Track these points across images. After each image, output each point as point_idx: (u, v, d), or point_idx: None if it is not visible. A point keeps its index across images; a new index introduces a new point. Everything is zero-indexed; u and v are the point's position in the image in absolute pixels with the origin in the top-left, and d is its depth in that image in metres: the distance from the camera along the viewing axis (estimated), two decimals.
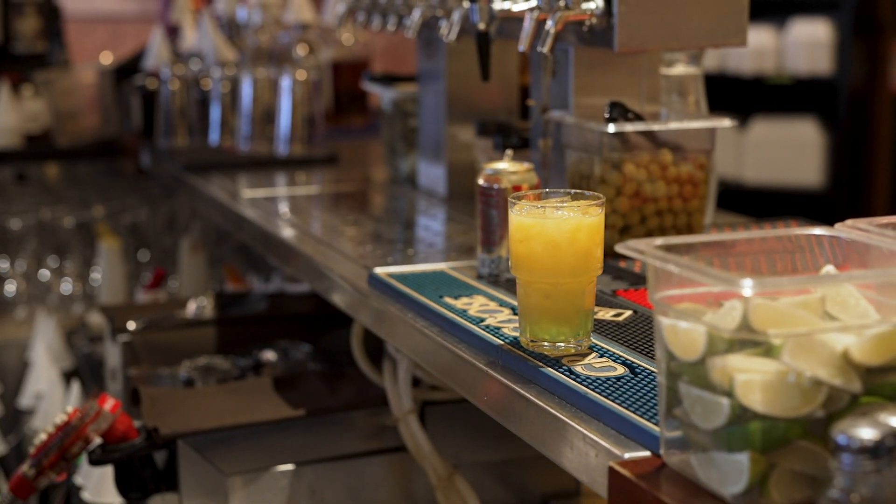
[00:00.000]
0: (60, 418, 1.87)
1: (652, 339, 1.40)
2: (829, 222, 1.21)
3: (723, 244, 1.14)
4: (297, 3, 3.45)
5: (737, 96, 5.18)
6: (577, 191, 1.42)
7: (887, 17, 5.00)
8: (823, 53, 5.01)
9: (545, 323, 1.38)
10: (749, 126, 5.17)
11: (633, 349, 1.39)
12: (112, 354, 2.42)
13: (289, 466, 1.85)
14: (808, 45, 5.02)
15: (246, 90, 3.14)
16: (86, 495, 2.18)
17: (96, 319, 3.09)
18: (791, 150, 5.11)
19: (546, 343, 1.38)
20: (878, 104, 5.03)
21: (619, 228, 1.82)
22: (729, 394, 0.97)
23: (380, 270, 1.80)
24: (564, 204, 1.38)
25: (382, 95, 2.68)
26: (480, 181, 1.77)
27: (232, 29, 3.59)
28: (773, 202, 4.98)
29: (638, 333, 1.46)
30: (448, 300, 1.62)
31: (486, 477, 1.94)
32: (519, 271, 1.39)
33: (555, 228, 1.35)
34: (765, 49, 5.09)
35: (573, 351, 1.38)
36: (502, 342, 1.42)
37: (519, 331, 1.42)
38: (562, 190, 1.44)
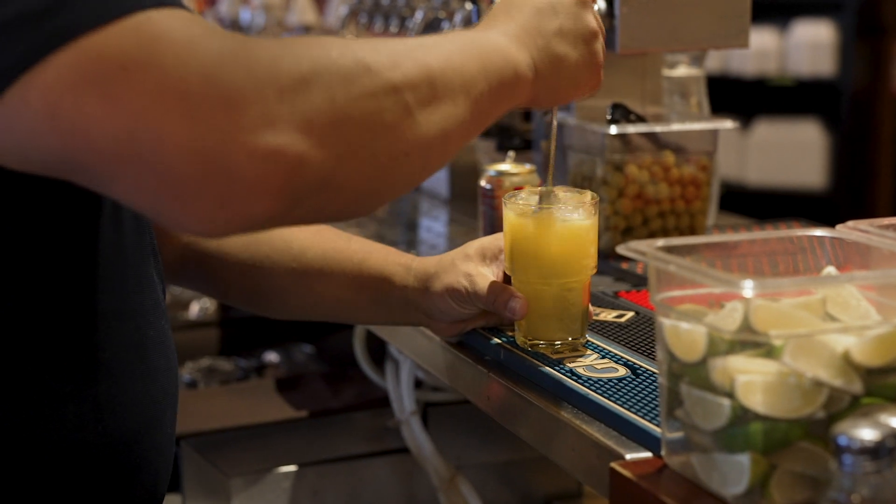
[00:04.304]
0: None
1: (653, 340, 1.40)
2: (832, 224, 1.20)
3: (725, 245, 1.14)
4: (299, 5, 3.46)
5: (739, 98, 5.18)
6: (572, 189, 1.42)
7: (890, 18, 5.00)
8: (826, 55, 5.01)
9: (540, 323, 1.38)
10: (751, 128, 5.17)
11: (635, 350, 1.40)
12: None
13: (291, 467, 1.85)
14: (810, 46, 5.02)
15: None
16: None
17: None
18: (794, 152, 5.11)
19: (542, 342, 1.38)
20: (881, 106, 5.03)
21: (621, 230, 1.82)
22: (730, 395, 0.97)
23: None
24: (558, 203, 1.38)
25: None
26: (482, 183, 1.78)
27: (235, 30, 3.60)
28: (776, 204, 4.97)
29: (639, 335, 1.46)
30: None
31: (488, 478, 1.94)
32: (513, 271, 1.38)
33: (548, 227, 1.35)
34: (767, 51, 5.09)
35: (569, 350, 1.38)
36: (502, 342, 1.42)
37: (516, 331, 1.42)
38: (556, 189, 1.42)
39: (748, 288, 0.96)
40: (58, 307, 1.08)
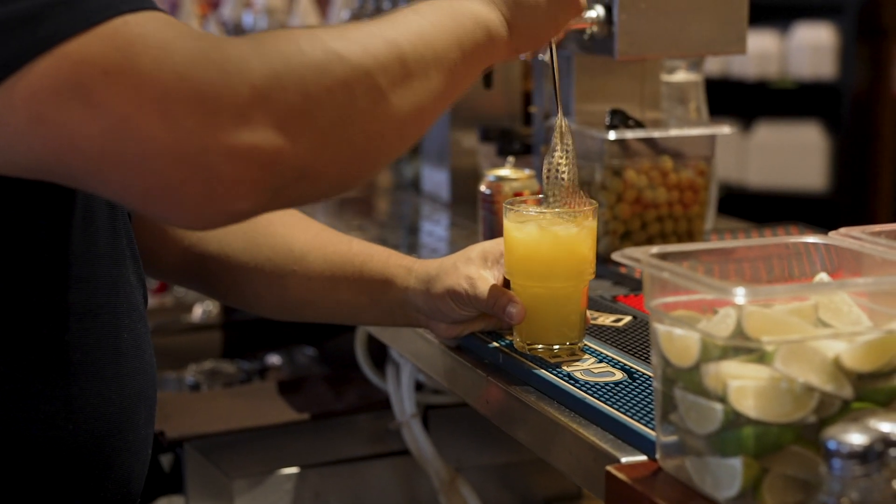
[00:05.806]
0: None
1: (650, 344, 1.41)
2: (833, 226, 1.22)
3: (721, 251, 1.15)
4: (302, 9, 3.47)
5: (740, 101, 5.19)
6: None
7: (890, 21, 5.01)
8: (827, 58, 5.02)
9: (539, 327, 1.39)
10: (752, 130, 5.18)
11: (632, 354, 1.41)
12: None
13: (293, 469, 1.86)
14: (811, 49, 5.03)
15: None
16: None
17: None
18: (794, 155, 5.12)
19: (540, 346, 1.40)
20: (882, 108, 5.04)
21: (619, 234, 1.84)
22: (723, 399, 0.98)
23: None
24: (557, 209, 1.39)
25: None
26: (482, 188, 1.80)
27: (238, 34, 3.61)
28: (777, 206, 4.99)
29: (637, 339, 1.47)
30: None
31: (488, 480, 1.96)
32: (512, 275, 1.40)
33: (547, 233, 1.37)
34: (768, 53, 5.10)
35: (567, 354, 1.39)
36: (500, 346, 1.44)
37: (515, 335, 1.43)
38: (556, 194, 1.44)
39: (740, 295, 0.97)
40: (27, 305, 1.09)
